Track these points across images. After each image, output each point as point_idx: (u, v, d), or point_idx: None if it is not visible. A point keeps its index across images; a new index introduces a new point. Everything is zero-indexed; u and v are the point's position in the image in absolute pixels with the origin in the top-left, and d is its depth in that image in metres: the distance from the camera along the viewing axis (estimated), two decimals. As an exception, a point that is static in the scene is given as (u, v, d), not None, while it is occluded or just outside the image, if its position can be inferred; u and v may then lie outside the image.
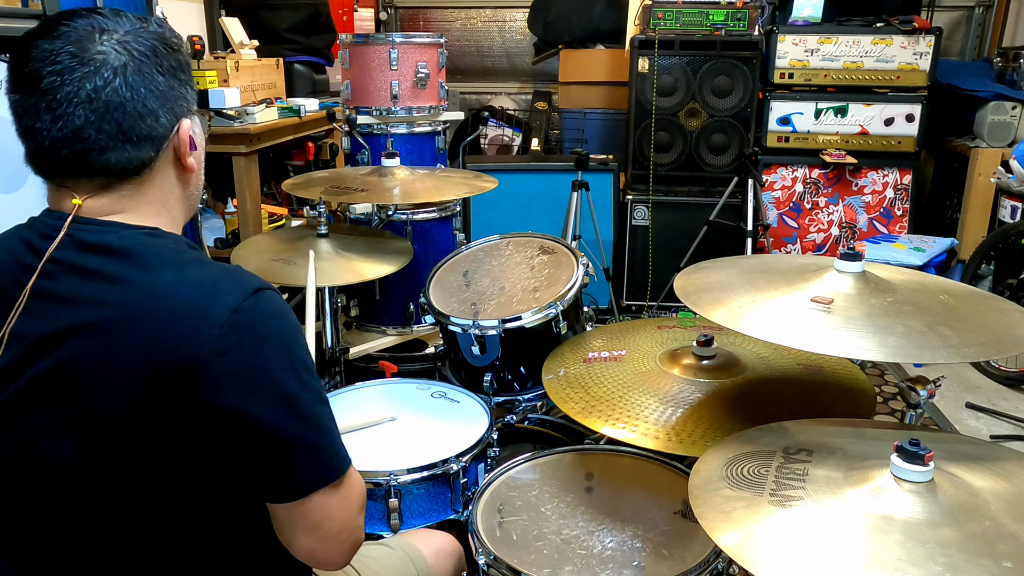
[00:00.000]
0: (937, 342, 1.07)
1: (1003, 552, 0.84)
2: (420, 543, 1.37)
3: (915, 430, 1.18)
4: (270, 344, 0.88)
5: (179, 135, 0.95)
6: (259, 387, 0.86)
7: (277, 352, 0.88)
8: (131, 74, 0.89)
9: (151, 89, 0.90)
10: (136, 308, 0.85)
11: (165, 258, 0.90)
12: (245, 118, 2.83)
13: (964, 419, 2.84)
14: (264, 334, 0.88)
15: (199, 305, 0.85)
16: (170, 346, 0.83)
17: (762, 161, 3.78)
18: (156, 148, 0.92)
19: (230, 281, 0.89)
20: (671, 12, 3.63)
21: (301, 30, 3.75)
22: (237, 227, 2.96)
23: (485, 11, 5.15)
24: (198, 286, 0.87)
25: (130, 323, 0.84)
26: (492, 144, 4.50)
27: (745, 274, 1.33)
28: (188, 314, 0.84)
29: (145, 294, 0.86)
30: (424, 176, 2.41)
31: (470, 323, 1.86)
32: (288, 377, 0.88)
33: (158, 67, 0.92)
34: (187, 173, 0.99)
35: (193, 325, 0.84)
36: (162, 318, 0.84)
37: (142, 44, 0.91)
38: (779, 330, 1.11)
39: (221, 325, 0.84)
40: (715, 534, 0.92)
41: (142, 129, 0.90)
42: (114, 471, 0.87)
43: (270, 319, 0.89)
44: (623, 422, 1.39)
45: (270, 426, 0.87)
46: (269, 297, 0.90)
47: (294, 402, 0.89)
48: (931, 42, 3.61)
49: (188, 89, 0.97)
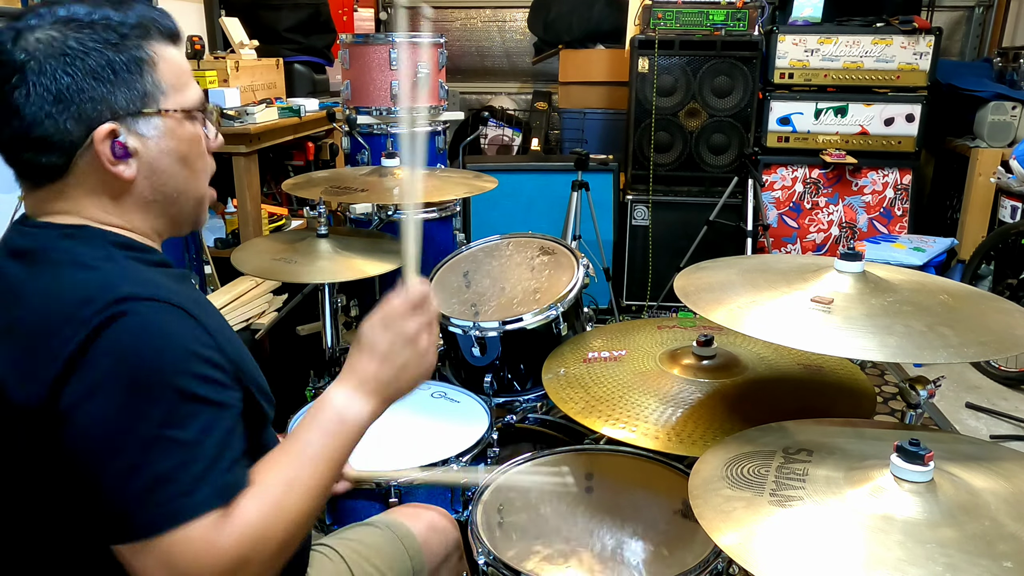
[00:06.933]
0: (937, 342, 1.07)
1: (1003, 552, 0.84)
2: (409, 521, 1.33)
3: (915, 430, 1.18)
4: (102, 366, 0.78)
5: (94, 144, 0.87)
6: (72, 412, 0.77)
7: (108, 374, 0.78)
8: (31, 75, 0.84)
9: (52, 91, 0.84)
10: (12, 317, 0.83)
11: (57, 260, 0.86)
12: (245, 118, 2.83)
13: (964, 419, 2.84)
14: (103, 352, 0.78)
15: (56, 318, 0.80)
16: (26, 358, 0.80)
17: (762, 161, 3.78)
18: (65, 155, 0.87)
19: (98, 290, 0.81)
20: (671, 12, 3.63)
21: (301, 30, 3.75)
22: (237, 227, 2.96)
23: (485, 11, 5.15)
24: (61, 296, 0.82)
25: (7, 332, 0.83)
26: (492, 144, 4.50)
27: (745, 274, 1.33)
28: (44, 326, 0.80)
29: (20, 301, 0.83)
30: (424, 176, 2.41)
31: (470, 325, 1.86)
32: (103, 404, 0.77)
33: (67, 68, 0.84)
34: (121, 182, 0.90)
35: (46, 338, 0.80)
36: (26, 327, 0.82)
37: (55, 43, 0.84)
38: (779, 330, 1.11)
39: (68, 341, 0.78)
40: (715, 534, 0.92)
41: (36, 133, 0.85)
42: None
43: (121, 335, 0.79)
44: (623, 422, 1.39)
45: (69, 455, 0.78)
46: (134, 309, 0.80)
47: (99, 434, 0.77)
48: (931, 42, 3.62)
49: (121, 90, 0.87)
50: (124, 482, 0.77)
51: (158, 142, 0.92)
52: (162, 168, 0.93)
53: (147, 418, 0.78)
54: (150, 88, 0.90)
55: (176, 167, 0.95)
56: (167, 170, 0.94)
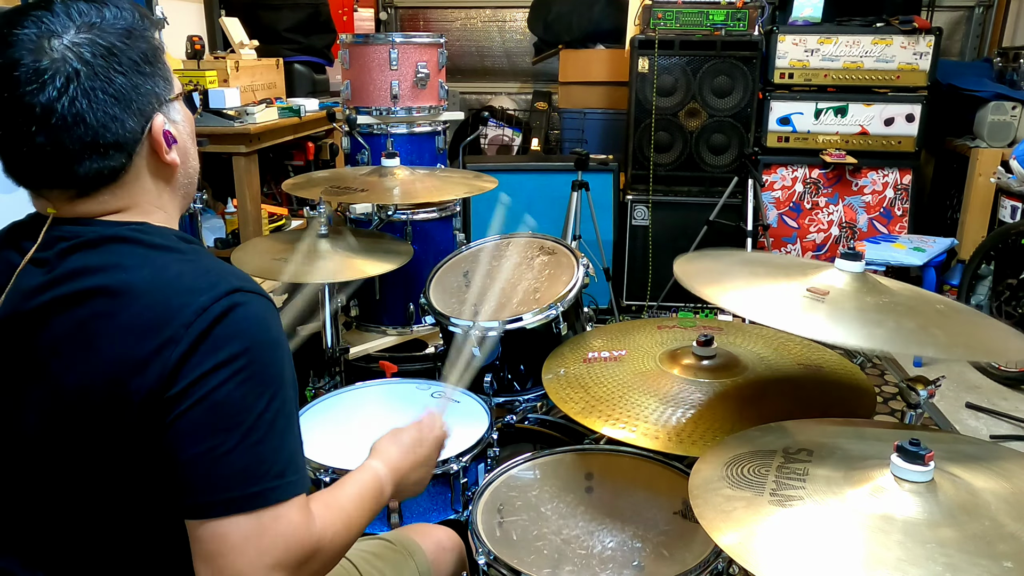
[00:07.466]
0: (926, 339, 1.07)
1: (1003, 552, 0.84)
2: (420, 538, 1.35)
3: (915, 430, 1.18)
4: (228, 349, 0.82)
5: (152, 135, 0.90)
6: (197, 390, 0.81)
7: (234, 356, 0.82)
8: (86, 80, 0.83)
9: (111, 94, 0.85)
10: (112, 305, 0.84)
11: (145, 255, 0.88)
12: (245, 118, 2.83)
13: (964, 419, 2.84)
14: (223, 338, 0.82)
15: (171, 305, 0.83)
16: (138, 343, 0.82)
17: (762, 161, 3.78)
18: (128, 154, 0.88)
19: (206, 281, 0.85)
20: (671, 12, 3.63)
21: (301, 30, 3.76)
22: (237, 227, 2.96)
23: (485, 11, 5.15)
24: (169, 286, 0.84)
25: (106, 319, 0.83)
26: (492, 144, 4.50)
27: (746, 264, 1.34)
28: (159, 313, 0.82)
29: (120, 291, 0.84)
30: (424, 176, 2.41)
31: (470, 324, 1.86)
32: (233, 384, 0.82)
33: (116, 67, 0.85)
34: (170, 169, 0.94)
35: (163, 324, 0.82)
36: (136, 313, 0.83)
37: (96, 44, 0.84)
38: (770, 312, 1.12)
39: (188, 326, 0.81)
40: (715, 534, 0.92)
41: (107, 138, 0.86)
42: (69, 452, 0.86)
43: (240, 322, 0.84)
44: (623, 422, 1.39)
45: (190, 430, 0.81)
46: (247, 300, 0.85)
47: (227, 410, 0.82)
48: (931, 42, 3.62)
49: (158, 80, 0.90)
50: (235, 457, 0.82)
51: (183, 125, 0.96)
52: (186, 150, 0.97)
53: (261, 399, 0.83)
54: (168, 75, 0.93)
55: (192, 147, 1.00)
56: (189, 151, 0.98)
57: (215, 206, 3.26)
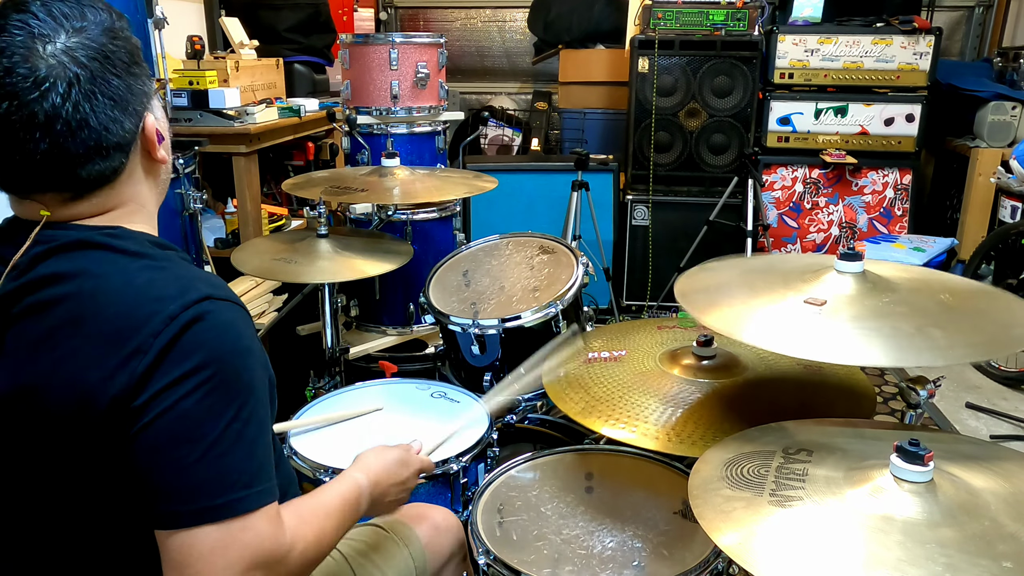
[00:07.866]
0: (922, 344, 1.06)
1: (1003, 552, 0.84)
2: (414, 522, 1.34)
3: (915, 430, 1.18)
4: (195, 359, 0.82)
5: (145, 134, 0.91)
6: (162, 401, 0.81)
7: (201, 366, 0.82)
8: (86, 84, 0.83)
9: (109, 96, 0.85)
10: (80, 312, 0.83)
11: (116, 261, 0.87)
12: (245, 118, 2.82)
13: (964, 419, 2.84)
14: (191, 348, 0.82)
15: (140, 314, 0.82)
16: (106, 353, 0.81)
17: (762, 161, 3.77)
18: (126, 153, 0.89)
19: (176, 288, 0.85)
20: (671, 12, 3.63)
21: (301, 30, 3.75)
22: (237, 227, 2.96)
23: (485, 11, 5.15)
24: (139, 293, 0.84)
25: (73, 326, 0.83)
26: (492, 144, 4.50)
27: (745, 275, 1.33)
28: (127, 322, 0.82)
29: (88, 298, 0.84)
30: (424, 176, 2.41)
31: (470, 322, 1.86)
32: (199, 394, 0.81)
33: (111, 69, 0.85)
34: (158, 166, 0.95)
35: (131, 333, 0.81)
36: (105, 321, 0.82)
37: (88, 48, 0.84)
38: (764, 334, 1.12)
39: (156, 335, 0.81)
40: (715, 534, 0.92)
41: (110, 140, 0.86)
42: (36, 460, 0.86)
43: (208, 331, 0.83)
44: (623, 422, 1.39)
45: (155, 441, 0.81)
46: (216, 308, 0.85)
47: (193, 422, 0.81)
48: (931, 42, 3.62)
49: (144, 79, 0.90)
50: (202, 468, 0.81)
51: (163, 121, 0.96)
52: (167, 144, 0.97)
53: (229, 408, 0.83)
54: (148, 71, 0.93)
55: (169, 142, 0.98)
56: (168, 145, 0.98)
57: (215, 206, 3.26)
